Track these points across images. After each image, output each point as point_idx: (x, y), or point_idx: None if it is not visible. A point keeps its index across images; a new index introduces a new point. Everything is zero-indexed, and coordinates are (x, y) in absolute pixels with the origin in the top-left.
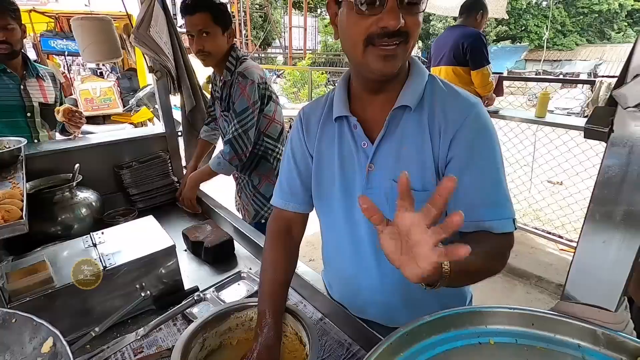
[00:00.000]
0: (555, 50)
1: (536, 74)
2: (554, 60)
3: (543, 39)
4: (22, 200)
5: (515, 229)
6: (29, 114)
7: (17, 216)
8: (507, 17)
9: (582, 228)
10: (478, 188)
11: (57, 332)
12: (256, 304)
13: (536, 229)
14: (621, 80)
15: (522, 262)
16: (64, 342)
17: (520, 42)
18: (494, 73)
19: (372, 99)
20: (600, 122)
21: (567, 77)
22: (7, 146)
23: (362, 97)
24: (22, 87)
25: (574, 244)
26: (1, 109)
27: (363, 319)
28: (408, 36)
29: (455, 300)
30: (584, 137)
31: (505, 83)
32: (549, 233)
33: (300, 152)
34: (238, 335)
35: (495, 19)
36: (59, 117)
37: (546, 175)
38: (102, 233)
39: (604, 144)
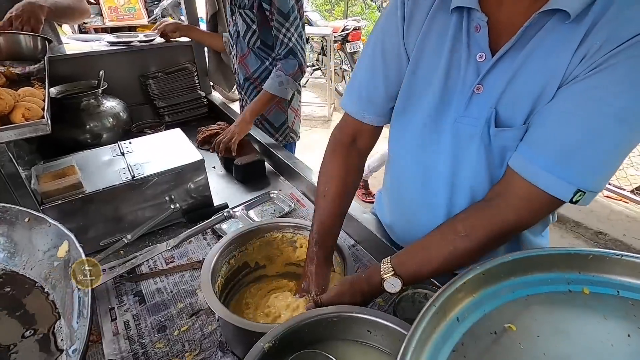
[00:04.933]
0: None
1: None
2: None
3: None
4: (44, 100)
5: (575, 202)
6: None
7: (38, 115)
8: None
9: None
10: (566, 125)
11: (72, 236)
12: (288, 224)
13: None
14: None
15: (561, 206)
16: (79, 247)
17: None
18: None
19: None
20: None
21: None
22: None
23: None
24: None
25: (622, 192)
26: None
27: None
28: None
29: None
30: None
31: None
32: None
33: (394, 47)
34: (270, 252)
35: None
36: None
37: None
38: (130, 143)
39: None
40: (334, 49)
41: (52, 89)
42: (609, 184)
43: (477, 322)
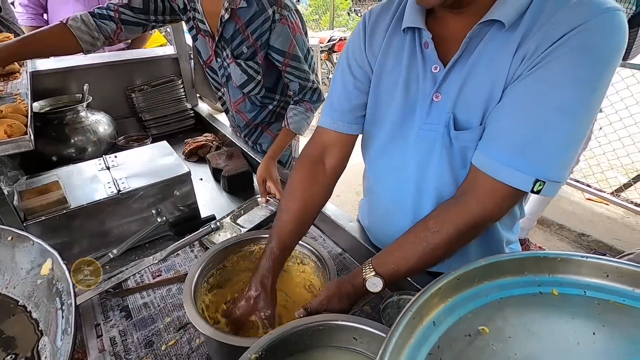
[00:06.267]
0: None
1: None
2: None
3: None
4: (27, 116)
5: (536, 192)
6: None
7: (21, 131)
8: None
9: None
10: (515, 121)
11: (55, 253)
12: (264, 236)
13: None
14: None
15: (545, 209)
16: (62, 264)
17: None
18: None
19: (456, 11)
20: None
21: None
22: None
23: (443, 8)
24: None
25: (602, 194)
26: None
27: None
28: None
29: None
30: None
31: None
32: (577, 181)
33: (359, 63)
34: (249, 266)
35: None
36: None
37: None
38: (116, 156)
39: None
40: (321, 59)
41: (36, 104)
42: (589, 187)
43: (453, 326)
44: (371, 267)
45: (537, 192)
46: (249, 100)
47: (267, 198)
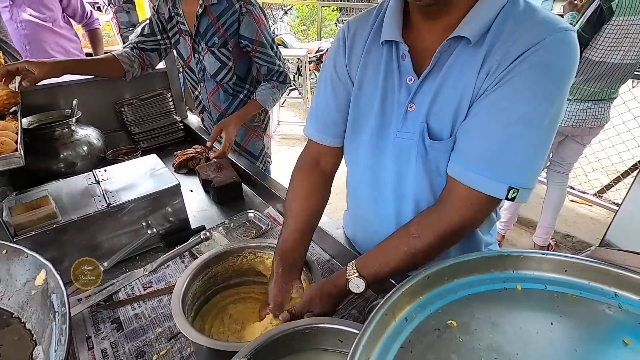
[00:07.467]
0: None
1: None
2: None
3: None
4: (17, 133)
5: (511, 199)
6: None
7: (11, 148)
8: None
9: (636, 174)
10: (485, 135)
11: (49, 265)
12: (259, 245)
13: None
14: None
15: (531, 212)
16: (56, 275)
17: None
18: None
19: (430, 24)
20: None
21: None
22: None
23: (417, 20)
24: None
25: (586, 196)
26: None
27: None
28: None
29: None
30: None
31: None
32: None
33: (341, 78)
34: (242, 276)
35: None
36: None
37: None
38: (105, 170)
39: None
40: (309, 70)
41: (25, 120)
42: (573, 189)
43: (423, 321)
44: (354, 268)
45: (512, 199)
46: (222, 89)
47: (213, 146)
